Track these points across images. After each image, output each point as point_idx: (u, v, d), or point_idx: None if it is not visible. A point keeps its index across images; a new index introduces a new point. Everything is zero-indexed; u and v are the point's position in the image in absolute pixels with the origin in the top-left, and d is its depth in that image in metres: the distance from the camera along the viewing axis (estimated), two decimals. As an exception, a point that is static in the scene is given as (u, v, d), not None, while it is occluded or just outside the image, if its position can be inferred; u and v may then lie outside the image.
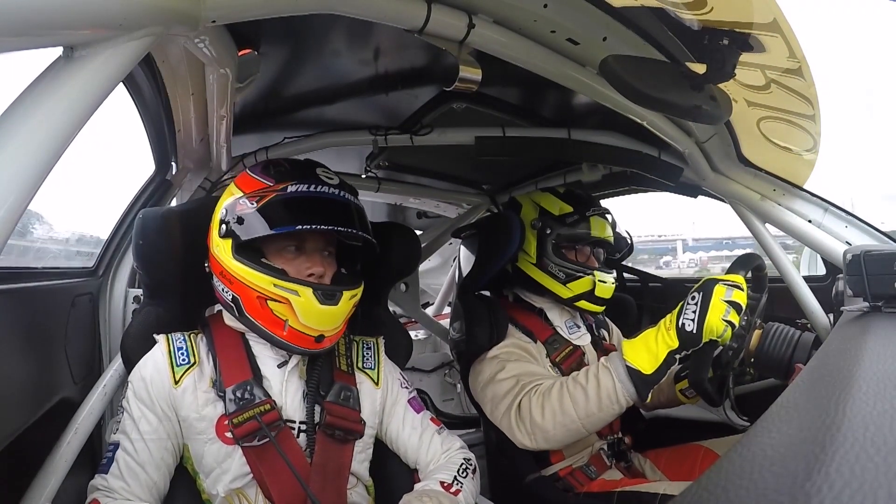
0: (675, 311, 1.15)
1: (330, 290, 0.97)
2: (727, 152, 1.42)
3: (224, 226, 0.99)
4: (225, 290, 1.00)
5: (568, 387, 1.21)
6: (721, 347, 1.14)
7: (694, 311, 1.10)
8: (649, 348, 1.14)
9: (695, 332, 1.08)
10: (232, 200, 1.00)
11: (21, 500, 0.98)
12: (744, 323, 1.12)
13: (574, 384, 1.21)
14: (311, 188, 0.97)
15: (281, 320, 0.96)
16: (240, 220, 0.97)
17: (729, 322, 1.08)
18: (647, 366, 1.13)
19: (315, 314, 0.95)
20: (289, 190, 0.96)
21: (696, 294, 1.12)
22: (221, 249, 0.99)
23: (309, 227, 0.95)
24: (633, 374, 1.14)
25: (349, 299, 0.99)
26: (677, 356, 1.12)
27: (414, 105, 1.41)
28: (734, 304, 1.09)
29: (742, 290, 1.10)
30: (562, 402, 1.20)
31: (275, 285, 0.95)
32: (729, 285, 1.10)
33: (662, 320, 1.17)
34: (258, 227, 0.96)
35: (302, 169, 1.01)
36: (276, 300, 0.95)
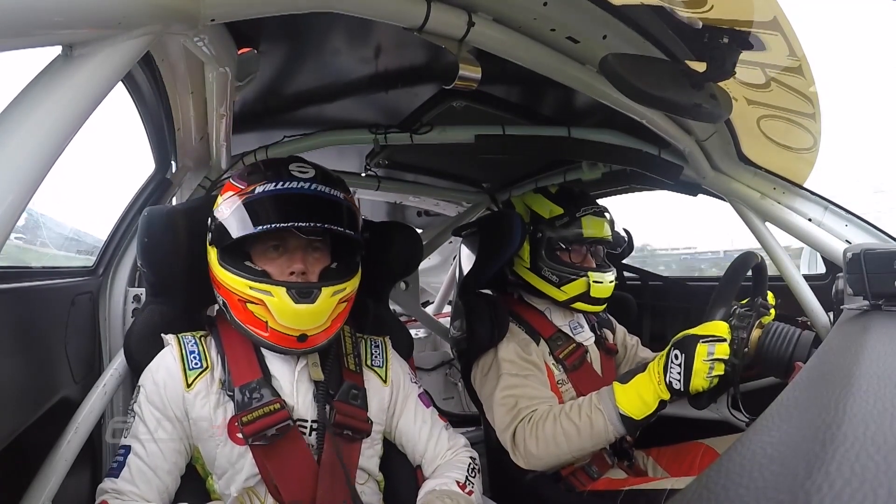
0: (662, 363, 1.16)
1: (305, 288, 0.95)
2: (727, 151, 1.42)
3: (209, 232, 1.02)
4: (216, 294, 1.02)
5: (561, 422, 1.24)
6: None
7: (679, 372, 1.12)
8: (641, 397, 1.18)
9: (682, 390, 1.12)
10: (216, 207, 1.02)
11: (21, 499, 0.97)
12: (734, 348, 1.13)
13: (567, 420, 1.24)
14: (278, 186, 0.96)
15: (262, 321, 0.96)
16: (217, 227, 0.99)
17: (715, 376, 1.10)
18: (639, 413, 1.18)
19: (290, 314, 0.94)
20: (255, 191, 0.96)
21: (678, 353, 1.13)
22: (211, 256, 1.02)
23: (267, 226, 0.94)
24: (625, 419, 1.18)
25: (330, 296, 0.97)
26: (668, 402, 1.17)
27: (414, 103, 1.40)
28: (718, 359, 1.09)
29: (724, 340, 1.10)
30: (555, 435, 1.24)
31: (250, 287, 0.95)
32: (709, 341, 1.10)
33: (651, 365, 1.19)
34: (230, 233, 0.97)
35: (275, 167, 1.01)
36: (253, 302, 0.95)
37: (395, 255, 1.32)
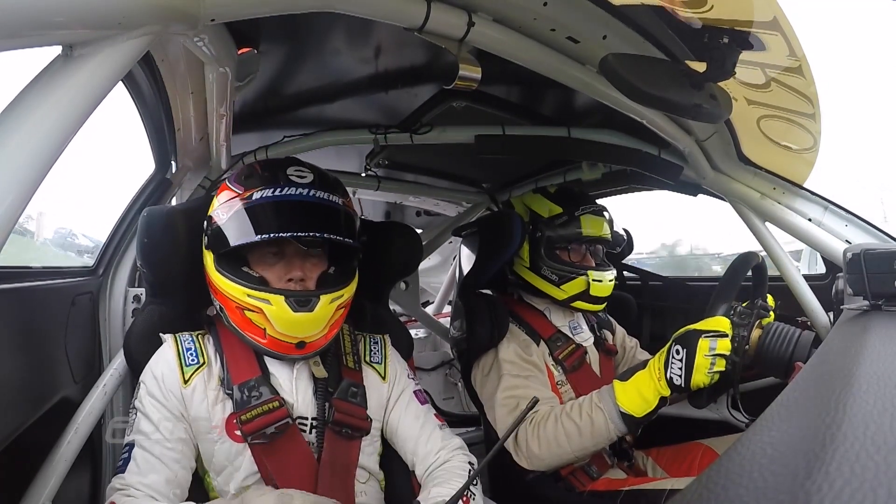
0: (663, 359, 1.16)
1: (304, 296, 0.94)
2: (727, 151, 1.42)
3: (205, 237, 1.01)
4: (213, 299, 1.02)
5: (562, 422, 1.24)
6: None
7: (680, 368, 1.12)
8: (642, 394, 1.18)
9: (683, 386, 1.12)
10: (212, 211, 1.01)
11: (21, 500, 0.98)
12: (735, 345, 1.13)
13: (568, 419, 1.24)
14: (277, 192, 0.95)
15: (260, 328, 0.95)
16: (214, 233, 0.98)
17: (716, 372, 1.10)
18: (640, 410, 1.18)
19: (289, 322, 0.94)
20: (254, 198, 0.95)
21: (679, 348, 1.13)
22: (207, 261, 1.01)
23: (266, 235, 0.93)
24: (626, 416, 1.18)
25: (328, 303, 0.97)
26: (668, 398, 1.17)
27: (414, 103, 1.40)
28: (720, 354, 1.10)
29: (726, 336, 1.11)
30: (556, 435, 1.24)
31: (248, 295, 0.94)
32: (711, 336, 1.11)
33: (652, 362, 1.19)
34: (227, 239, 0.96)
35: (272, 171, 0.99)
36: (251, 310, 0.95)
37: (394, 255, 1.32)
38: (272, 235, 0.94)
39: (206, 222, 1.02)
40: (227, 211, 0.97)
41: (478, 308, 1.46)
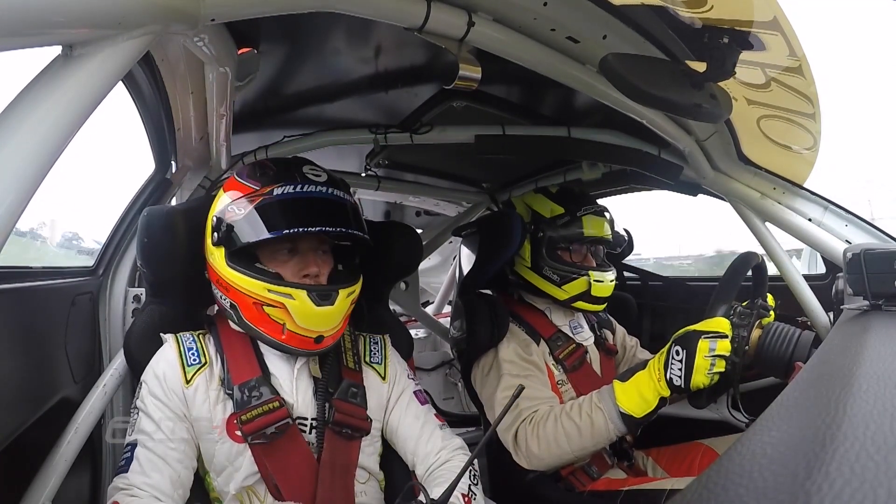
0: (662, 360, 1.17)
1: (325, 290, 0.96)
2: (727, 151, 1.42)
3: (216, 234, 0.99)
4: (223, 297, 1.01)
5: (562, 422, 1.24)
6: None
7: (680, 369, 1.12)
8: (642, 395, 1.18)
9: (683, 386, 1.12)
10: (222, 207, 1.00)
11: (21, 500, 0.98)
12: (735, 346, 1.14)
13: (568, 419, 1.24)
14: (298, 188, 0.96)
15: (279, 324, 0.95)
16: (229, 228, 0.97)
17: (716, 373, 1.10)
18: (639, 411, 1.18)
19: (311, 316, 0.95)
20: (275, 193, 0.95)
21: (679, 349, 1.13)
22: (215, 258, 1.00)
23: (296, 230, 0.93)
24: (626, 416, 1.19)
25: (346, 297, 0.99)
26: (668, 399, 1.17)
27: (414, 103, 1.40)
28: (720, 355, 1.10)
29: (726, 337, 1.11)
30: (556, 435, 1.24)
31: (269, 290, 0.94)
32: (711, 337, 1.11)
33: (651, 363, 1.20)
34: (247, 234, 0.95)
35: (288, 169, 1.00)
36: (271, 305, 0.95)
37: (394, 255, 1.32)
38: (301, 230, 0.94)
39: (215, 219, 1.01)
40: (244, 207, 0.96)
41: (478, 308, 1.46)
